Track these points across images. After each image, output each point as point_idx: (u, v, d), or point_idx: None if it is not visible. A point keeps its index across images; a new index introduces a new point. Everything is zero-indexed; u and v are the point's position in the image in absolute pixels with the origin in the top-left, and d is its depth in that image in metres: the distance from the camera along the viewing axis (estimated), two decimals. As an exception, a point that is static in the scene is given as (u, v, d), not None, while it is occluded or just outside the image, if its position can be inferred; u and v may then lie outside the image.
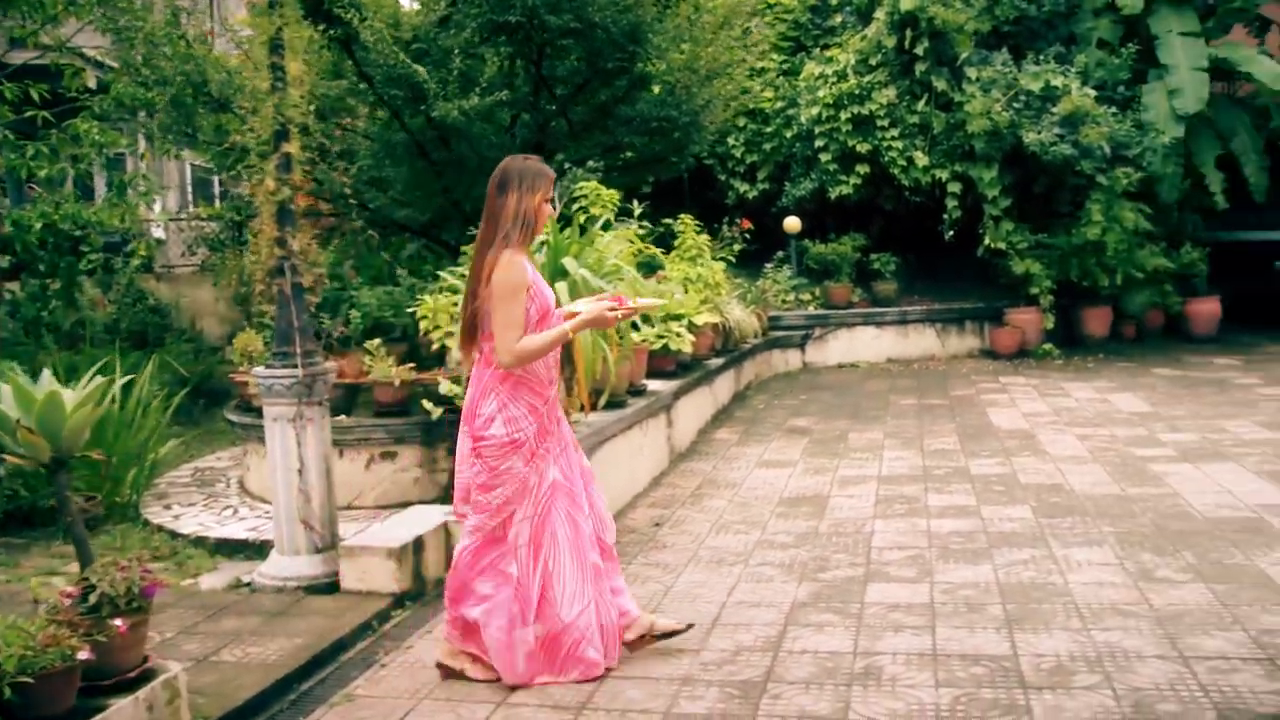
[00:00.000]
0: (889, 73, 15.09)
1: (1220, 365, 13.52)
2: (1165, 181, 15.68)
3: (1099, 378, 12.68)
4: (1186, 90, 15.62)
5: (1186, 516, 6.51)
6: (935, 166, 14.76)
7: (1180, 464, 7.94)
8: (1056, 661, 4.44)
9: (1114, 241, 14.38)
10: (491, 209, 4.40)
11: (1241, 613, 4.87)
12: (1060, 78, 14.49)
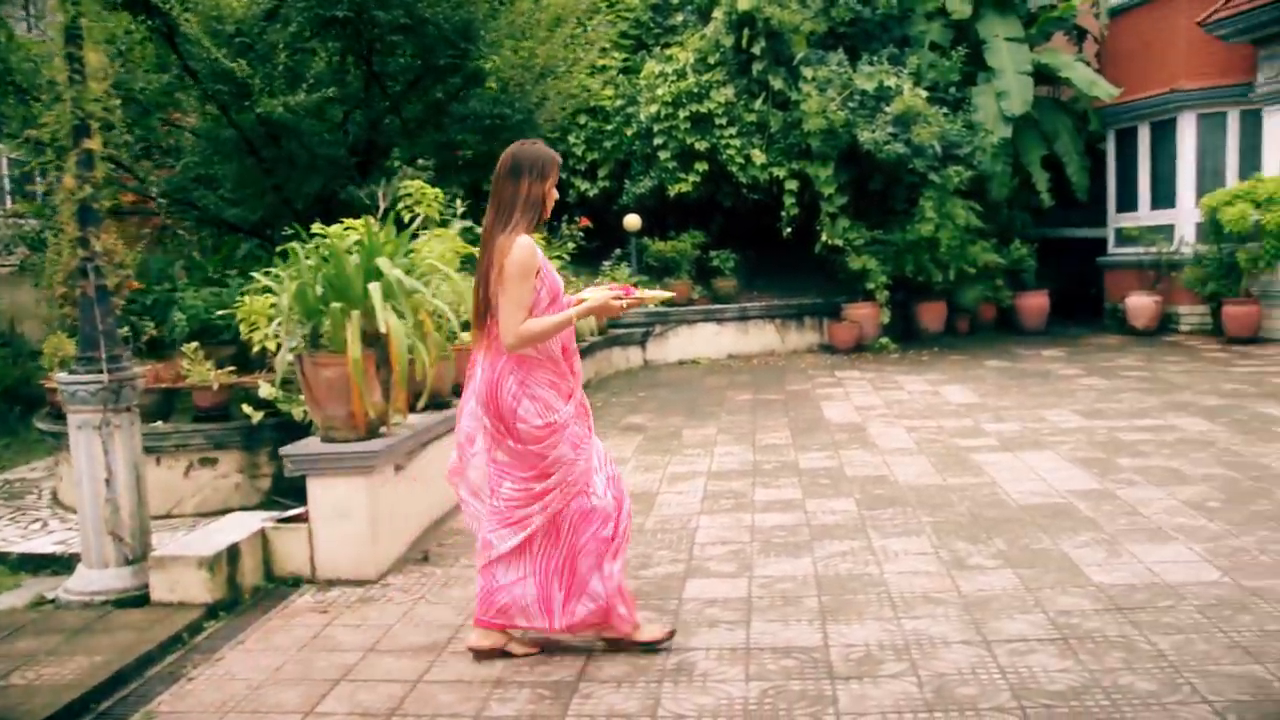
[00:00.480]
0: (727, 71, 15.22)
1: (1046, 357, 13.95)
2: (995, 180, 16.14)
3: (932, 370, 12.98)
4: (1013, 93, 16.11)
5: (1001, 504, 6.67)
6: (773, 164, 14.94)
7: (1001, 453, 8.15)
8: (866, 651, 4.48)
9: (947, 238, 14.74)
10: (501, 194, 4.42)
11: (1043, 595, 4.99)
12: (893, 78, 14.78)
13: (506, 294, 4.28)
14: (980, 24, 16.95)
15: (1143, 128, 17.47)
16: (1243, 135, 16.27)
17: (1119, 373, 12.31)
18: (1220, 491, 6.76)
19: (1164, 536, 5.82)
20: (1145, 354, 13.92)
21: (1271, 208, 14.39)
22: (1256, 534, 5.80)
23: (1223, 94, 16.31)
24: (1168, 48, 16.91)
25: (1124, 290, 17.19)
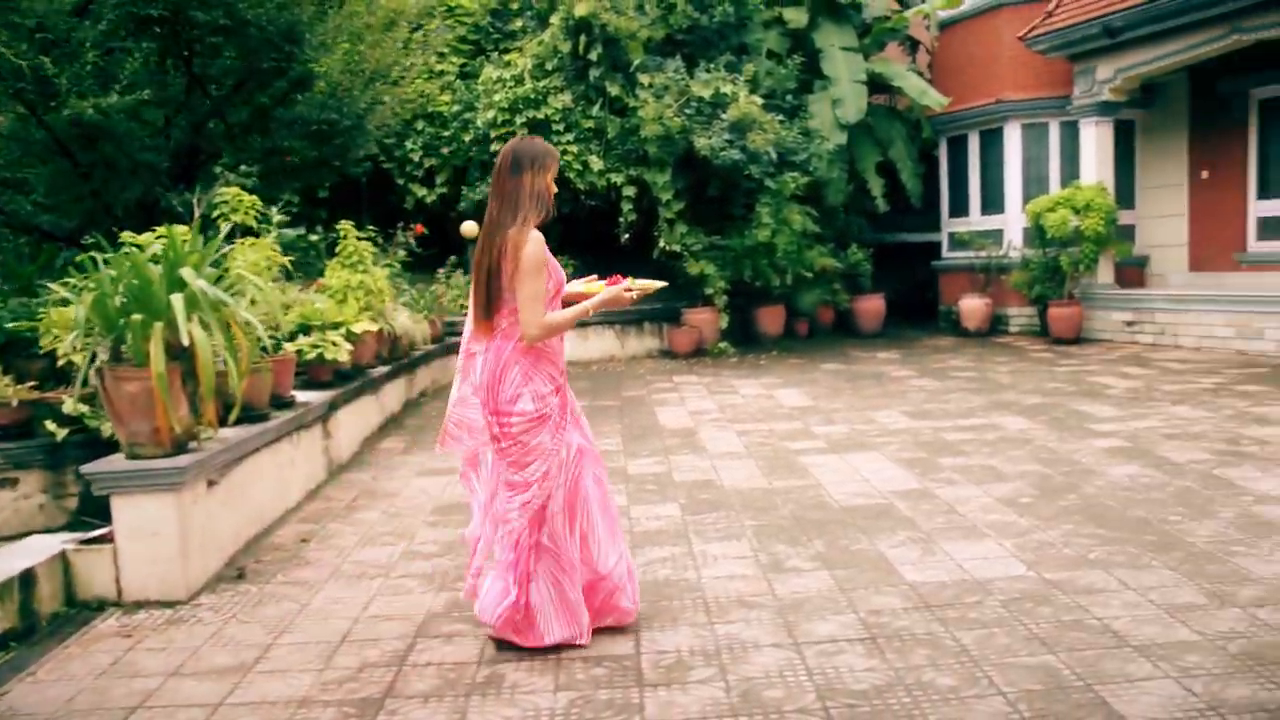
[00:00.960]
0: (565, 78, 15.18)
1: (881, 359, 14.22)
2: (831, 186, 16.42)
3: (769, 374, 13.11)
4: (848, 101, 16.41)
5: (824, 506, 6.73)
6: (610, 171, 14.94)
7: (828, 455, 8.24)
8: (677, 657, 4.45)
9: (784, 243, 14.91)
10: (503, 190, 4.47)
11: (857, 596, 5.04)
12: (730, 85, 14.91)
13: (525, 287, 4.34)
14: (816, 33, 17.26)
15: (972, 136, 17.97)
16: (1063, 144, 16.87)
17: (949, 373, 12.61)
18: (1033, 488, 6.94)
19: (977, 534, 5.94)
20: (975, 355, 14.30)
21: (1089, 214, 14.94)
22: (1062, 528, 5.95)
23: (1044, 105, 16.89)
24: (994, 60, 17.43)
25: (957, 293, 17.67)
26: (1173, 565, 5.27)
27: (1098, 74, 15.64)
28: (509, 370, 4.45)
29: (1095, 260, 15.49)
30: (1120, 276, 16.42)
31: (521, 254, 4.33)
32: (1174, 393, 10.64)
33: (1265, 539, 5.65)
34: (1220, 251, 15.95)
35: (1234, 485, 6.86)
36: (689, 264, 14.83)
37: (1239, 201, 15.65)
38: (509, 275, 4.37)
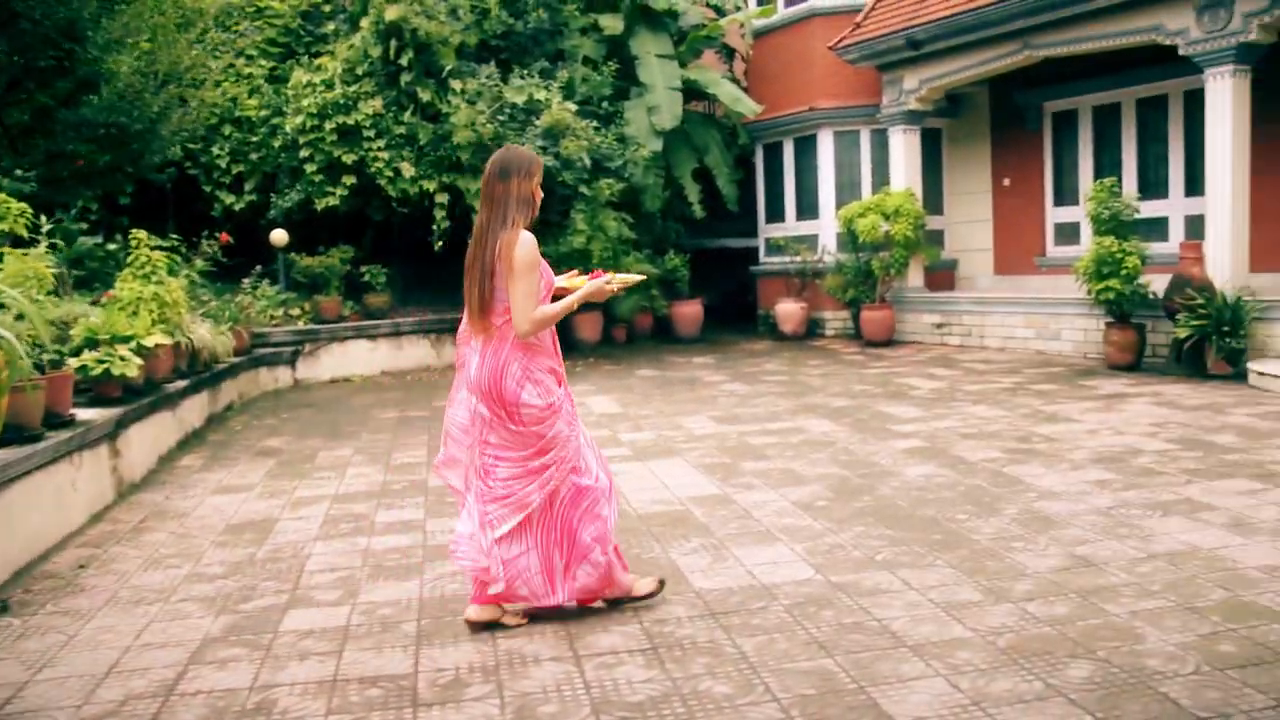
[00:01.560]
0: (376, 83, 14.85)
1: (697, 364, 14.28)
2: (648, 192, 16.44)
3: (584, 381, 13.04)
4: (663, 107, 16.46)
5: (622, 515, 6.65)
6: (423, 177, 14.67)
7: (633, 463, 8.19)
8: (455, 675, 4.31)
9: (599, 249, 14.88)
10: (493, 194, 4.68)
11: (642, 606, 4.97)
12: (544, 92, 14.82)
13: (518, 285, 4.56)
14: (633, 40, 17.29)
15: (787, 143, 18.24)
16: (874, 151, 17.25)
17: (761, 377, 12.73)
18: (830, 490, 7.00)
19: (770, 538, 5.94)
20: (789, 358, 14.48)
21: (898, 219, 15.27)
22: (854, 530, 6.00)
23: (855, 113, 17.24)
24: (807, 69, 17.72)
25: (774, 297, 17.90)
26: (955, 563, 5.35)
27: (904, 84, 16.04)
28: (509, 366, 4.67)
29: (905, 264, 15.86)
30: (931, 280, 16.85)
31: (514, 254, 4.56)
32: (974, 393, 10.93)
33: (1043, 534, 5.79)
34: (1022, 256, 16.50)
35: (1020, 482, 7.03)
36: (505, 271, 14.66)
37: (1038, 208, 16.23)
38: (503, 275, 4.60)
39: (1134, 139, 15.10)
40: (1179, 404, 9.92)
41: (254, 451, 9.66)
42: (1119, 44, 13.09)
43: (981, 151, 17.14)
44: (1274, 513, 6.09)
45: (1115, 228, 12.27)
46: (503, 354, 4.68)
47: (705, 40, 18.53)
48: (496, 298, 4.64)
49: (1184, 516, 6.06)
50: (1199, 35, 12.04)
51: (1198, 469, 7.25)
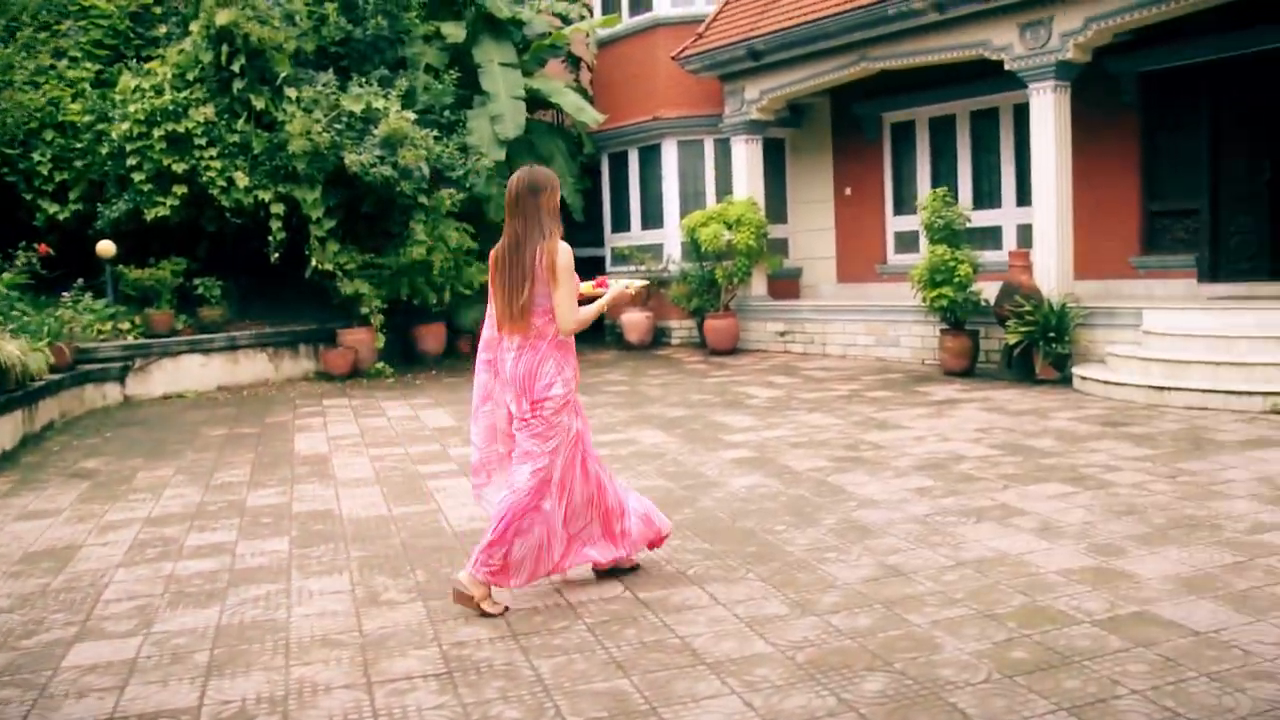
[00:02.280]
0: (208, 89, 14.39)
1: (540, 376, 14.15)
2: (492, 202, 16.26)
3: (422, 395, 12.84)
4: (506, 117, 16.32)
5: (438, 533, 6.53)
6: (258, 187, 14.26)
7: (457, 479, 8.04)
8: (240, 707, 4.13)
9: (440, 260, 14.68)
10: (525, 209, 5.06)
11: (445, 628, 4.84)
12: (382, 100, 14.55)
13: (562, 289, 5.00)
14: (476, 49, 17.12)
15: (632, 152, 18.27)
16: (718, 161, 17.36)
17: (602, 387, 12.68)
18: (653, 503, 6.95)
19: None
20: (633, 368, 14.47)
21: (741, 228, 15.38)
22: (670, 544, 5.95)
23: (698, 123, 17.34)
24: (651, 78, 17.77)
25: (621, 307, 17.87)
26: (766, 576, 5.34)
27: (746, 94, 16.18)
28: (545, 363, 5.11)
29: (749, 273, 15.98)
30: (775, 288, 17.02)
31: (559, 261, 4.99)
32: (810, 401, 11.03)
33: (858, 544, 5.83)
34: (864, 264, 16.78)
35: (843, 491, 7.09)
36: (343, 284, 14.37)
37: (879, 217, 16.52)
38: (545, 280, 5.00)
39: (968, 150, 15.49)
40: (1006, 409, 10.15)
41: (68, 473, 9.25)
42: (950, 58, 13.40)
43: (824, 161, 17.39)
44: (1080, 515, 6.24)
45: (948, 236, 12.53)
46: (541, 350, 5.12)
47: (550, 49, 18.46)
48: (536, 302, 5.05)
49: (996, 522, 6.16)
50: (1022, 52, 12.38)
51: (1015, 474, 7.41)
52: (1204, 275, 13.18)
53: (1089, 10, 11.80)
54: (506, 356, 5.19)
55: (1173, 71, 13.21)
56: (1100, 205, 13.73)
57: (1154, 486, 6.91)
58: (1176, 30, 12.46)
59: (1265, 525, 5.92)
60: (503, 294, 5.11)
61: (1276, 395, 9.53)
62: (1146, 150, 13.63)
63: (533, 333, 5.11)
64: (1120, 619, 4.56)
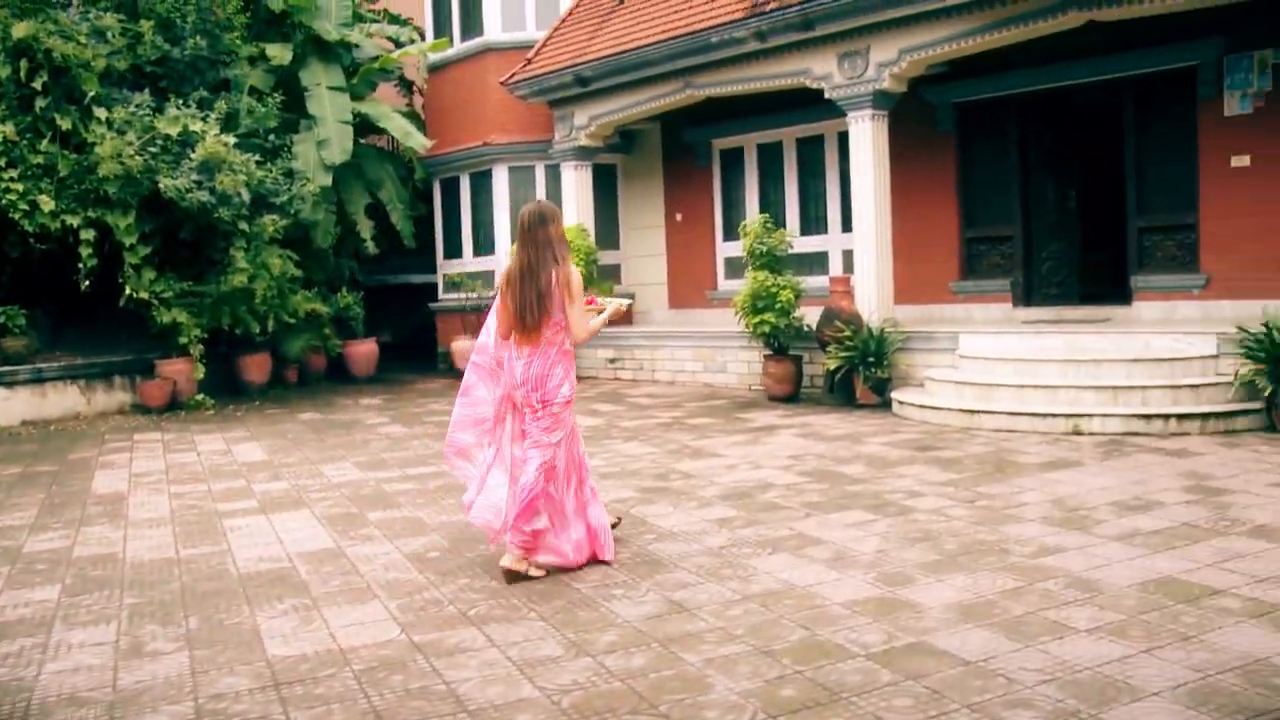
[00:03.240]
0: (8, 106, 13.74)
1: (364, 405, 13.91)
2: (319, 228, 15.97)
3: (240, 427, 12.45)
4: (334, 141, 16.01)
5: (222, 576, 6.25)
6: (65, 212, 13.66)
7: (256, 516, 7.76)
8: (-36, 778, 3.86)
9: (263, 288, 14.28)
10: (539, 238, 5.83)
11: (205, 679, 4.60)
12: (200, 123, 14.10)
13: (576, 306, 5.85)
14: (304, 71, 16.77)
15: (464, 178, 18.10)
16: (549, 187, 17.30)
17: (425, 418, 12.47)
18: (448, 540, 6.80)
19: (368, 595, 5.67)
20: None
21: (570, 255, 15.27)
22: (458, 582, 5.81)
23: (530, 148, 17.26)
24: (482, 103, 17.65)
25: (453, 335, 17.66)
26: (548, 615, 5.23)
27: (575, 120, 16.15)
28: (555, 367, 5.94)
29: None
30: (608, 315, 16.97)
31: (573, 283, 5.82)
32: (630, 429, 10.99)
33: (648, 579, 5.75)
34: (695, 289, 16.87)
35: (644, 523, 7.02)
36: (159, 312, 13.86)
37: (709, 242, 16.65)
38: (559, 300, 5.80)
39: (795, 176, 15.71)
40: (823, 435, 10.24)
41: None
42: (772, 86, 13.57)
43: (655, 187, 17.46)
44: (876, 544, 6.27)
45: (770, 262, 12.64)
46: (550, 357, 5.93)
47: (381, 73, 18.21)
48: (549, 316, 5.82)
49: (791, 553, 6.15)
50: (841, 81, 12.59)
51: (819, 502, 7.44)
52: (1018, 299, 13.56)
53: (902, 42, 12.07)
54: (516, 364, 5.97)
55: (986, 103, 13.61)
56: (922, 231, 14.04)
57: (952, 512, 7.00)
58: (988, 64, 12.84)
59: (1049, 548, 6.03)
60: (516, 310, 5.85)
61: (1078, 417, 9.81)
62: (963, 179, 14.00)
63: (543, 342, 5.90)
64: (895, 651, 4.56)
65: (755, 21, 12.93)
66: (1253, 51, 11.57)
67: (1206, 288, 12.09)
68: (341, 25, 17.30)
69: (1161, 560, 5.73)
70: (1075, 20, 11.04)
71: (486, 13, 17.63)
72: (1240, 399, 9.78)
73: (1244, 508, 6.84)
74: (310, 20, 16.81)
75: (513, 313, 5.86)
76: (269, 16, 17.23)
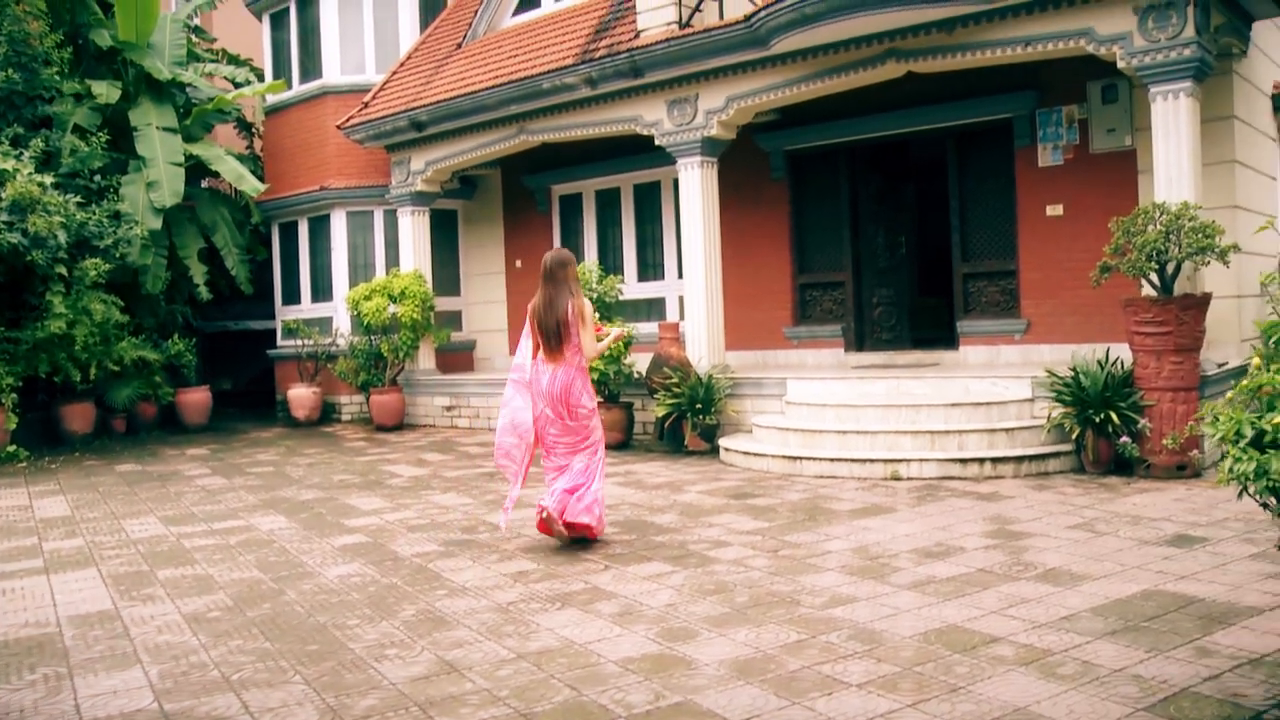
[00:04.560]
0: None
1: (189, 456, 13.49)
2: (148, 273, 15.51)
3: (50, 480, 11.94)
4: (164, 183, 15.61)
5: (-20, 642, 5.93)
6: None
7: (36, 577, 7.34)
8: None
9: (84, 334, 13.79)
10: (558, 277, 7.49)
11: None
12: (12, 161, 13.59)
13: (587, 332, 7.44)
14: (134, 111, 16.36)
15: (302, 222, 17.79)
16: (388, 232, 17.10)
17: (248, 469, 12.12)
18: (233, 598, 6.53)
19: (130, 661, 5.39)
20: (290, 447, 13.93)
21: (406, 301, 15.12)
22: (230, 644, 5.56)
23: (367, 193, 17.05)
24: (321, 147, 17.39)
25: (290, 382, 17.27)
26: (314, 678, 5.03)
27: (412, 165, 15.99)
28: (575, 382, 7.49)
29: (415, 347, 15.71)
30: (449, 361, 16.81)
31: (586, 313, 7.46)
32: (452, 479, 10.82)
33: (426, 637, 5.58)
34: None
35: (440, 578, 6.86)
36: (-34, 360, 13.30)
37: (547, 289, 16.54)
38: (575, 326, 7.41)
39: (633, 222, 15.76)
40: (644, 483, 10.20)
41: None
42: (605, 133, 13.61)
43: (496, 233, 17.37)
44: (667, 597, 6.19)
45: (601, 309, 12.60)
46: (570, 373, 7.49)
47: (217, 114, 17.84)
48: (568, 339, 7.43)
49: (579, 608, 6.05)
50: (671, 128, 12.68)
51: (621, 554, 7.35)
52: (850, 345, 13.75)
53: (729, 90, 12.21)
54: (542, 376, 7.53)
55: (817, 150, 13.84)
56: (756, 277, 14.18)
57: (753, 562, 6.98)
58: (820, 112, 13.07)
59: (841, 598, 6.02)
60: (542, 334, 7.47)
61: (897, 462, 9.93)
62: (796, 225, 14.19)
63: (564, 360, 7.46)
64: (658, 712, 4.47)
65: (586, 68, 12.98)
66: (1060, 106, 11.97)
67: (1027, 332, 12.40)
68: (175, 64, 16.91)
69: (949, 608, 5.76)
70: (895, 71, 11.28)
71: (325, 55, 17.42)
72: (1052, 441, 10.02)
73: (1039, 551, 6.96)
74: (141, 59, 16.41)
75: (540, 336, 7.46)
76: (97, 53, 16.79)
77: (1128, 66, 9.79)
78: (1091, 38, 9.96)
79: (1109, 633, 5.23)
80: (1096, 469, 9.71)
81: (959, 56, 10.74)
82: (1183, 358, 9.29)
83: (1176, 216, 9.18)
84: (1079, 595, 5.92)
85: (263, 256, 18.55)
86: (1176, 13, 9.46)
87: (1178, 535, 7.26)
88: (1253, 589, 5.87)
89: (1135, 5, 9.68)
